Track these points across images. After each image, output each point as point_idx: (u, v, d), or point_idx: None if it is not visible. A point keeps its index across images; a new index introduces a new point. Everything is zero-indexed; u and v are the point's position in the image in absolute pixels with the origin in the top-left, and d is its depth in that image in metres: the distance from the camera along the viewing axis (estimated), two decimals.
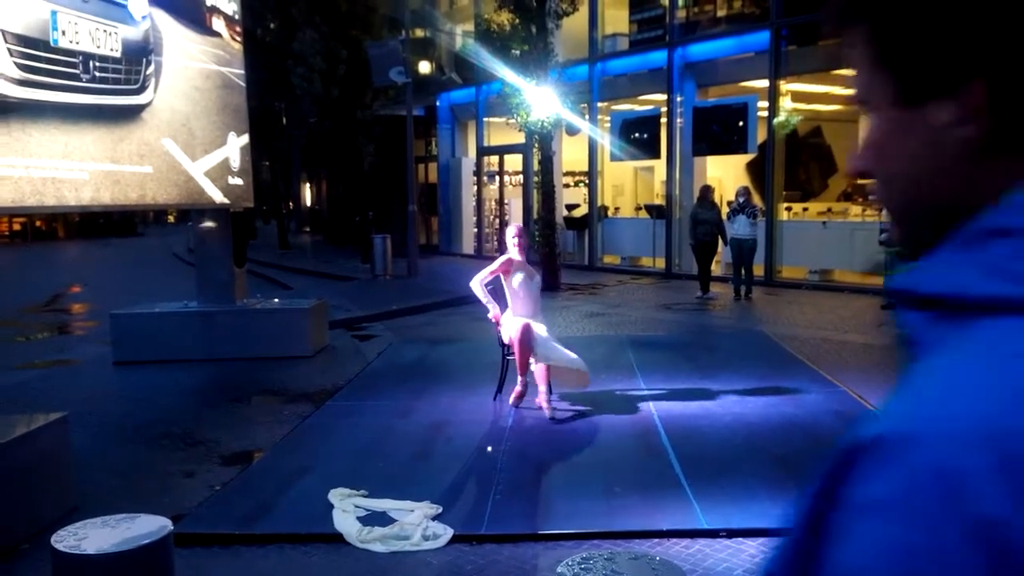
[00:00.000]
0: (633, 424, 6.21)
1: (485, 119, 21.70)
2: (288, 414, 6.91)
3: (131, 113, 7.29)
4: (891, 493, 0.52)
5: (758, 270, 14.20)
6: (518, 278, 6.73)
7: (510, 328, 6.56)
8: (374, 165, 23.77)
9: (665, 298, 13.86)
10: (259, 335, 9.15)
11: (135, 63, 7.33)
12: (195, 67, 8.45)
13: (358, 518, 4.46)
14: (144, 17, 7.55)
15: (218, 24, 8.96)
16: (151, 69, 7.57)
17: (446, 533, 4.27)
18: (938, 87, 0.62)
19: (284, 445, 5.99)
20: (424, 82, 21.69)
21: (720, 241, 13.40)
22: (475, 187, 22.65)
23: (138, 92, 7.39)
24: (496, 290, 6.90)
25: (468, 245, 23.06)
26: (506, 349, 6.93)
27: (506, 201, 21.88)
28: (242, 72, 9.47)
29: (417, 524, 4.34)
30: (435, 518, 4.44)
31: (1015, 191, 0.59)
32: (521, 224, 7.30)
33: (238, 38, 9.43)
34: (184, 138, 8.11)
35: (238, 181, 9.32)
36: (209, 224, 9.29)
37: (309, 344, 9.24)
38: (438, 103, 23.31)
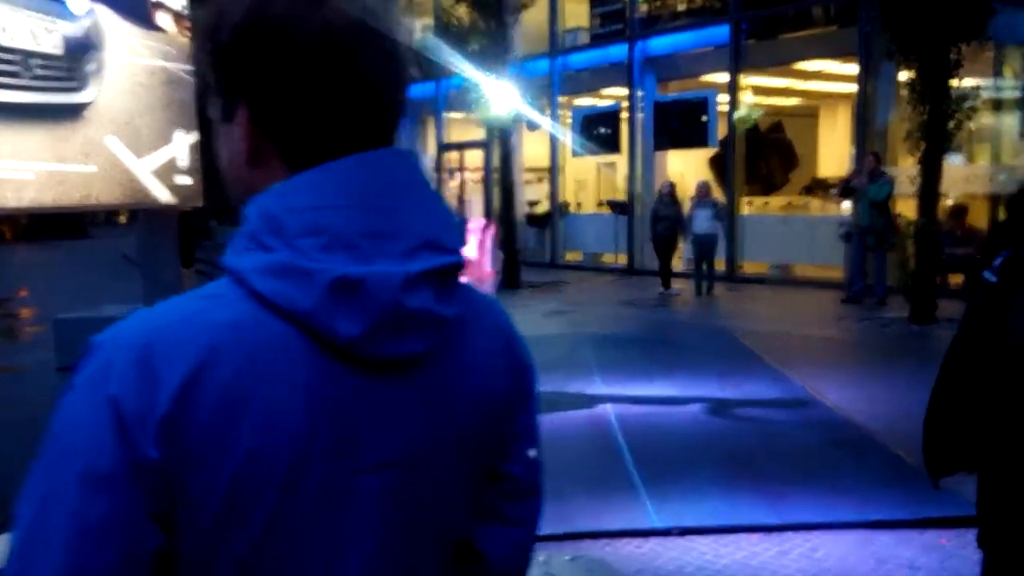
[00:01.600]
0: (589, 423, 6.11)
1: (445, 114, 21.52)
2: None
3: (74, 111, 7.04)
4: (80, 376, 0.81)
5: (720, 265, 14.19)
6: None
7: None
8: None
9: (627, 295, 13.80)
10: None
11: (77, 60, 7.08)
12: (139, 63, 8.19)
13: None
14: (86, 13, 7.31)
15: (164, 19, 8.70)
16: (93, 66, 7.32)
17: None
18: (229, 110, 0.89)
19: None
20: None
21: (681, 236, 13.38)
22: (436, 183, 22.47)
23: (81, 89, 7.14)
24: None
25: None
26: None
27: (467, 198, 21.72)
28: (189, 67, 9.21)
29: None
30: None
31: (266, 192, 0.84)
32: (484, 219, 6.99)
33: (187, 33, 9.17)
34: (129, 136, 7.86)
35: (187, 180, 9.07)
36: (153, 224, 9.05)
37: None
38: None
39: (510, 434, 1.01)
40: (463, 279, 0.93)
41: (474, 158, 21.24)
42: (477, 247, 6.60)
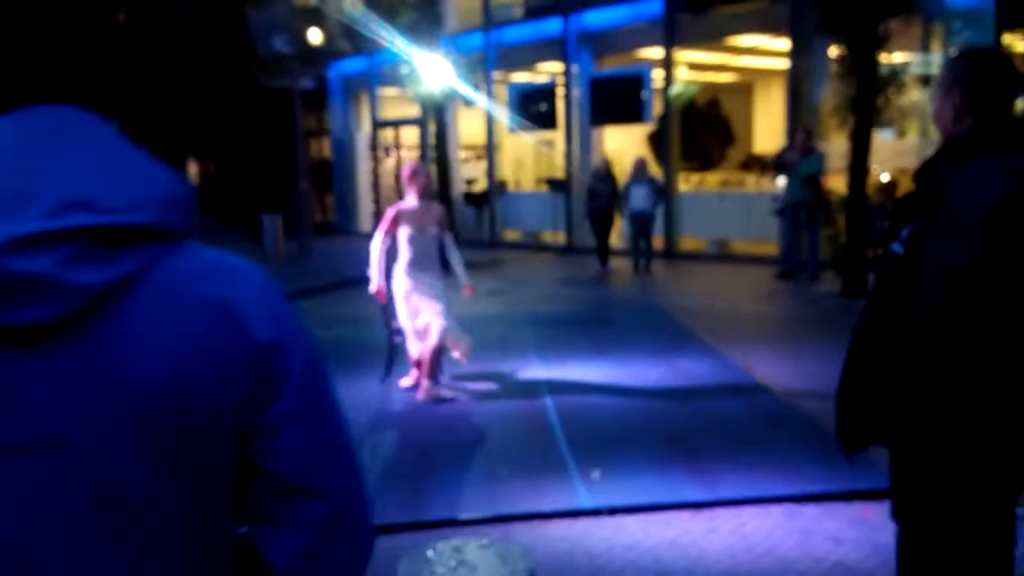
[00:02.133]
0: (523, 405, 6.00)
1: (379, 90, 21.12)
2: None
3: None
4: None
5: (657, 242, 14.22)
6: (404, 231, 6.05)
7: (398, 289, 6.05)
8: (263, 142, 22.95)
9: (566, 273, 13.73)
10: None
11: None
12: None
13: None
14: None
15: None
16: None
17: None
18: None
19: None
20: (314, 53, 20.96)
21: (617, 213, 13.35)
22: (371, 162, 22.10)
23: None
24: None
25: (366, 223, 22.48)
26: (392, 329, 6.63)
27: None
28: None
29: None
30: None
31: None
32: (417, 162, 6.54)
33: None
34: None
35: None
36: None
37: None
38: (330, 75, 22.57)
39: (255, 426, 0.90)
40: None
41: (410, 136, 20.92)
42: (413, 193, 6.15)
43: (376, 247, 6.21)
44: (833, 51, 10.87)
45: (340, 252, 17.93)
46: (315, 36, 19.53)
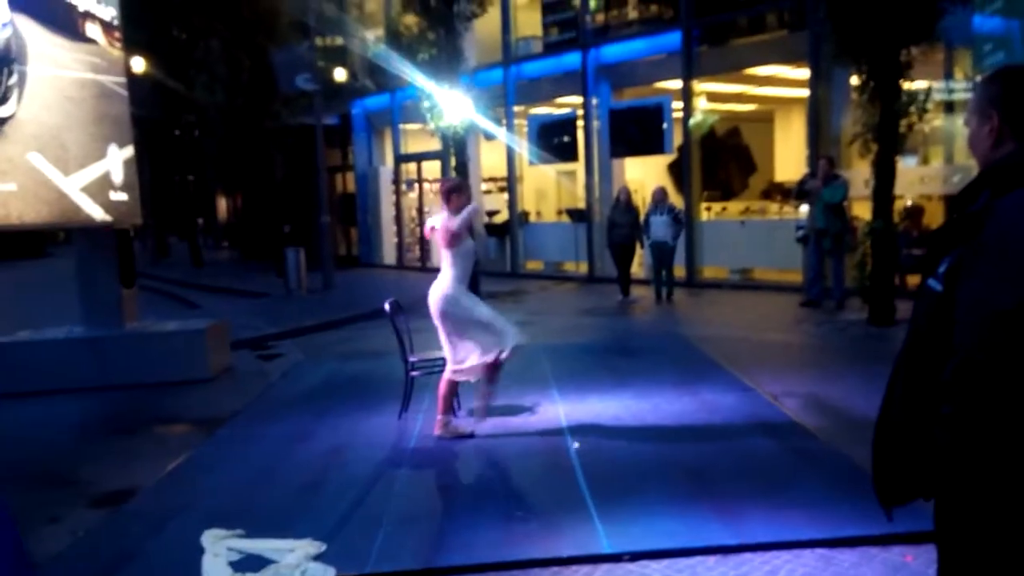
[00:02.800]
0: (542, 440, 5.87)
1: (401, 126, 21.25)
2: (175, 445, 6.38)
3: None
4: None
5: (679, 271, 14.09)
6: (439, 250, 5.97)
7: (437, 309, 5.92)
8: (288, 176, 23.12)
9: (587, 303, 13.62)
10: (151, 360, 8.56)
11: None
12: (67, 76, 7.86)
13: (231, 563, 4.02)
14: (4, 25, 6.97)
15: (93, 30, 8.37)
16: (13, 79, 6.99)
17: (326, 575, 3.87)
18: None
19: (164, 480, 5.49)
20: (338, 90, 21.14)
21: (639, 243, 13.24)
22: (394, 196, 22.17)
23: None
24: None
25: (390, 255, 22.56)
26: (409, 364, 6.55)
27: (426, 209, 21.42)
28: (123, 80, 8.88)
29: (295, 566, 3.92)
30: (317, 557, 4.02)
31: None
32: (452, 178, 6.29)
33: (117, 44, 8.85)
34: (55, 152, 7.53)
35: (122, 196, 8.73)
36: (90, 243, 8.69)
37: (206, 367, 8.67)
38: (353, 111, 22.75)
39: None
40: None
41: (432, 169, 20.96)
42: (444, 211, 6.00)
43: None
44: (854, 79, 10.75)
45: (363, 285, 17.92)
46: (338, 74, 19.73)
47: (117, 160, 8.75)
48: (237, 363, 9.67)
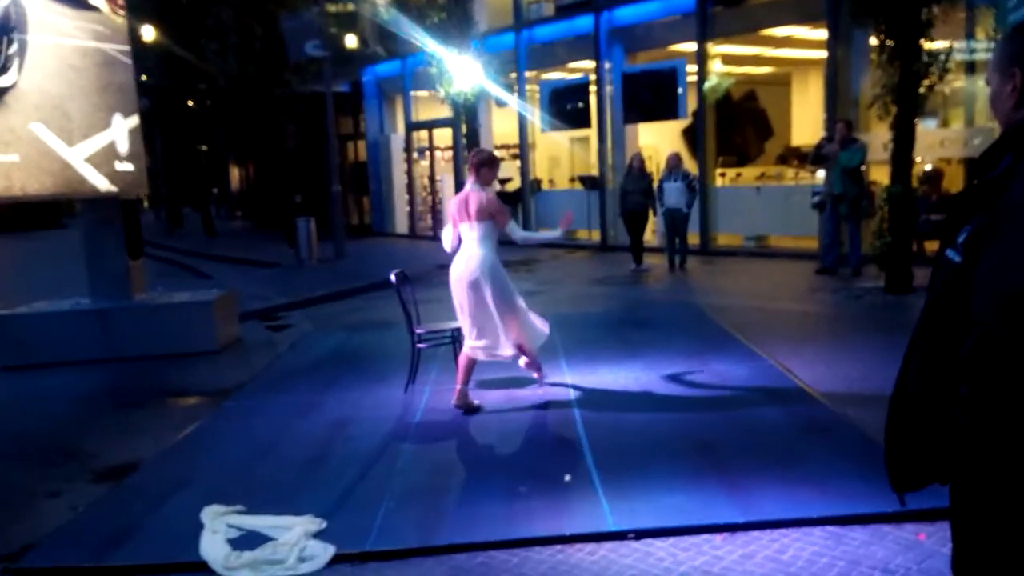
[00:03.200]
0: (549, 414, 5.78)
1: (412, 93, 21.02)
2: (180, 418, 6.34)
3: None
4: None
5: (693, 239, 13.89)
6: (461, 226, 5.84)
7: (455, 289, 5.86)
8: (300, 145, 22.98)
9: (599, 272, 13.48)
10: (159, 332, 8.51)
11: None
12: (69, 44, 7.73)
13: (229, 540, 3.96)
14: None
15: None
16: (13, 48, 6.88)
17: (326, 553, 3.80)
18: None
19: (167, 455, 5.44)
20: (349, 56, 20.91)
21: (652, 211, 13.06)
22: (405, 164, 22.00)
23: None
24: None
25: (402, 224, 22.45)
26: (416, 336, 6.46)
27: (438, 177, 21.28)
28: (127, 48, 8.75)
29: (293, 544, 3.85)
30: (317, 535, 3.95)
31: None
32: (483, 150, 6.32)
33: (120, 12, 8.71)
34: (58, 122, 7.43)
35: (127, 167, 8.64)
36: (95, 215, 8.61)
37: (215, 338, 8.62)
38: (364, 78, 22.53)
39: None
40: None
41: (444, 137, 20.77)
42: (472, 180, 5.87)
43: (446, 243, 6.06)
44: (873, 40, 10.46)
45: (374, 254, 17.84)
46: (349, 40, 19.49)
47: (122, 130, 8.64)
48: (246, 334, 9.62)
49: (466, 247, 5.83)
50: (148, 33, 22.15)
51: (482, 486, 4.45)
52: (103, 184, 8.14)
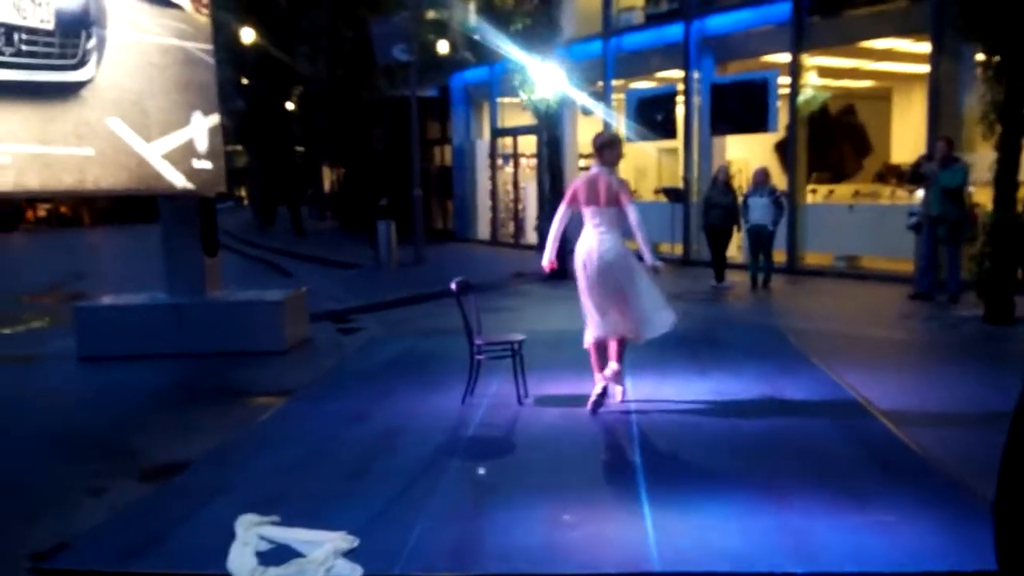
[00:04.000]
0: (606, 433, 5.52)
1: (499, 99, 20.95)
2: (237, 418, 6.30)
3: (67, 91, 6.71)
4: None
5: (779, 257, 13.37)
6: (587, 209, 5.88)
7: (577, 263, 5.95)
8: (388, 149, 23.18)
9: (679, 287, 13.05)
10: (230, 329, 8.56)
11: (72, 36, 6.73)
12: (150, 41, 7.84)
13: (258, 553, 3.83)
14: None
15: None
16: (92, 43, 6.97)
17: (353, 573, 3.63)
18: None
19: (215, 457, 5.38)
20: (437, 62, 21.00)
21: (736, 226, 12.62)
22: (490, 170, 21.94)
23: (76, 68, 6.80)
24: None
25: (484, 231, 22.39)
26: (475, 348, 6.28)
27: (522, 185, 21.15)
28: (210, 47, 8.84)
29: (321, 562, 3.69)
30: (347, 553, 3.79)
31: None
32: (605, 132, 6.49)
33: (204, 11, 8.81)
34: (136, 118, 7.52)
35: (205, 164, 8.72)
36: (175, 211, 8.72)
37: (283, 339, 8.63)
38: (452, 83, 22.58)
39: None
40: None
41: (528, 144, 20.64)
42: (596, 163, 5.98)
43: (554, 225, 6.17)
44: (979, 55, 9.84)
45: (453, 260, 17.80)
46: (437, 45, 19.57)
47: (202, 128, 8.73)
48: (316, 335, 9.62)
49: (593, 231, 5.90)
50: (247, 36, 22.77)
51: (525, 511, 4.21)
52: (180, 181, 8.23)
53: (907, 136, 16.52)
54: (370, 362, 8.19)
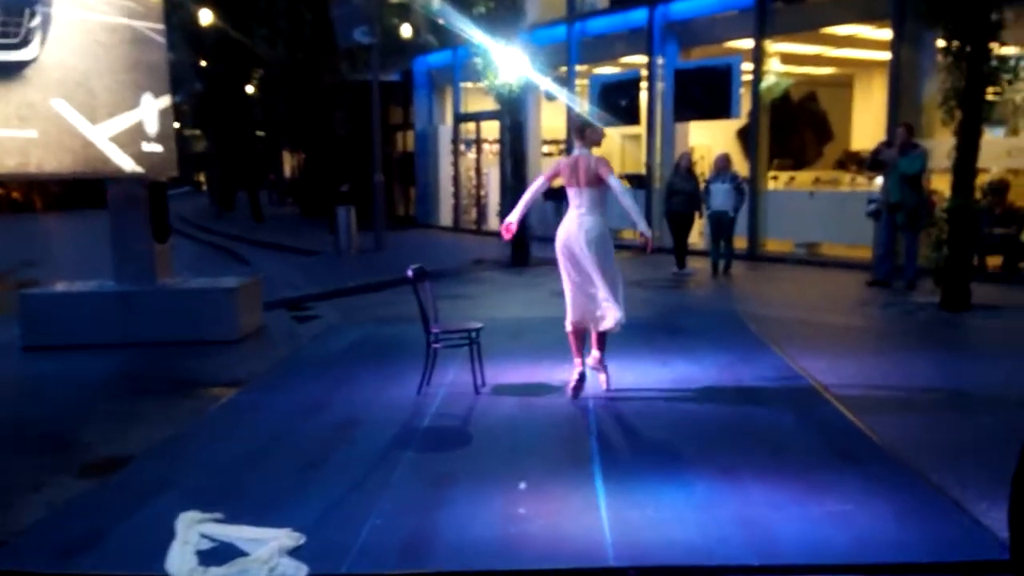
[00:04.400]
0: (564, 423, 5.43)
1: (462, 84, 20.74)
2: (186, 410, 6.12)
3: (10, 71, 6.47)
4: None
5: (740, 243, 13.39)
6: (570, 190, 5.95)
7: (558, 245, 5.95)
8: (350, 134, 22.87)
9: (640, 273, 13.01)
10: (180, 318, 8.34)
11: (14, 14, 6.49)
12: (97, 20, 7.57)
13: (199, 552, 3.68)
14: None
15: None
16: (36, 21, 6.72)
17: (298, 573, 3.50)
18: None
19: (160, 450, 5.21)
20: (400, 46, 20.73)
21: (698, 213, 12.60)
22: (452, 156, 21.74)
23: (19, 47, 6.55)
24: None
25: (446, 217, 22.20)
26: (431, 336, 6.16)
27: (484, 171, 20.99)
28: (161, 27, 8.57)
29: (265, 561, 3.56)
30: (293, 551, 3.66)
31: None
32: (579, 116, 6.51)
33: None
34: (81, 99, 7.27)
35: (155, 148, 8.47)
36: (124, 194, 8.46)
37: (236, 327, 8.42)
38: (415, 68, 22.31)
39: None
40: None
41: (491, 129, 20.48)
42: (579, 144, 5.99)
43: (528, 194, 6.20)
44: (940, 41, 9.87)
45: (415, 246, 17.62)
46: (399, 29, 19.29)
47: (152, 110, 8.47)
48: (271, 323, 9.42)
49: (575, 211, 5.93)
50: (205, 17, 22.28)
51: (479, 504, 4.11)
52: (128, 164, 7.98)
53: (867, 123, 16.64)
54: (326, 351, 8.03)
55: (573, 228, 5.87)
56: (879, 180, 11.30)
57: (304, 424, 5.60)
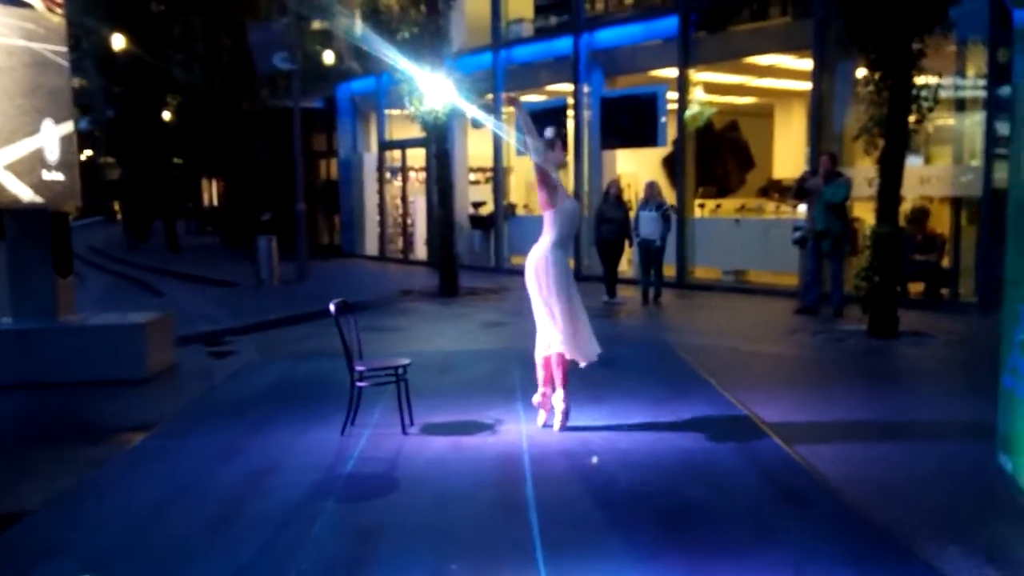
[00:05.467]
0: (497, 468, 5.13)
1: (387, 111, 20.43)
2: (85, 459, 5.64)
3: None
4: None
5: (669, 271, 13.35)
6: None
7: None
8: (272, 161, 22.32)
9: None
10: (84, 357, 7.81)
11: None
12: None
13: None
14: None
15: None
16: None
17: None
18: None
19: (54, 506, 4.73)
20: (323, 72, 20.33)
21: (628, 240, 12.52)
22: (378, 184, 21.37)
23: None
24: None
25: (372, 246, 21.78)
26: (356, 373, 5.82)
27: (410, 199, 20.67)
28: (63, 50, 8.09)
29: None
30: None
31: None
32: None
33: (58, 10, 8.06)
34: None
35: (57, 176, 7.95)
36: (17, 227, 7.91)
37: (145, 366, 7.92)
38: (338, 94, 21.92)
39: None
40: None
41: (417, 157, 20.20)
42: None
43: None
44: (860, 71, 10.01)
45: (339, 276, 17.19)
46: (322, 55, 18.90)
47: (52, 136, 7.96)
48: (185, 360, 8.92)
49: (546, 236, 5.87)
50: (117, 42, 21.50)
51: (406, 562, 3.78)
52: (26, 194, 7.46)
53: (788, 152, 16.90)
54: (242, 390, 7.58)
55: (546, 251, 5.89)
56: (803, 208, 11.39)
57: (216, 472, 5.18)
